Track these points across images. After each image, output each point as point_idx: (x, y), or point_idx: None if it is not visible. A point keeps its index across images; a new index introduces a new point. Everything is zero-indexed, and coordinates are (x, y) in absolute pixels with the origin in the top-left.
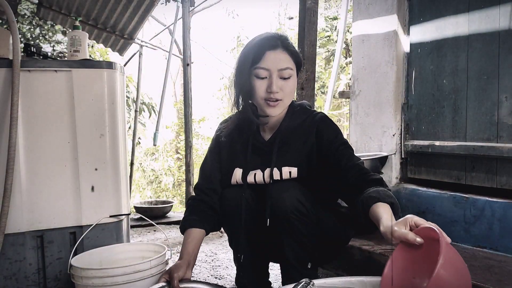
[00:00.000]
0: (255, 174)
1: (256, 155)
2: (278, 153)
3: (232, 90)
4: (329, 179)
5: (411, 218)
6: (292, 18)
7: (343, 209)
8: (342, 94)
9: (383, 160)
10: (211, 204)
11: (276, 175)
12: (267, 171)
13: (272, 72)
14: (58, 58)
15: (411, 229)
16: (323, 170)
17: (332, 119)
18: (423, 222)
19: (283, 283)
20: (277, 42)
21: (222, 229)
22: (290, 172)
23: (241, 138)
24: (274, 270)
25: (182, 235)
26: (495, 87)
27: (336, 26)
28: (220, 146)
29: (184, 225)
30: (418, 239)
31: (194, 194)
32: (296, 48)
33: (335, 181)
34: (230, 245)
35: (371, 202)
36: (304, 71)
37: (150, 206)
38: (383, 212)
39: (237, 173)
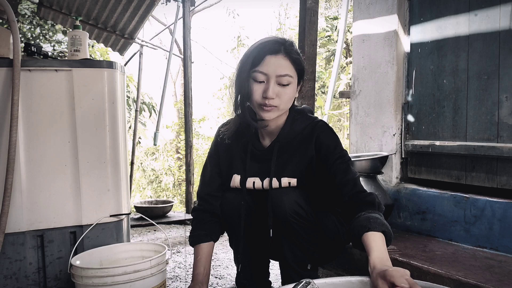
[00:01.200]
0: (254, 182)
1: (254, 162)
2: (277, 163)
3: (232, 90)
4: (327, 189)
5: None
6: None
7: None
8: (343, 94)
9: (383, 160)
10: (213, 211)
11: (275, 184)
12: (266, 180)
13: (270, 77)
14: (58, 58)
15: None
16: (321, 179)
17: (332, 119)
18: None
19: (283, 284)
20: (280, 47)
21: None
22: (289, 183)
23: (240, 143)
24: (274, 270)
25: (183, 235)
26: (496, 87)
27: (336, 26)
28: (219, 150)
29: (192, 241)
30: None
31: (196, 202)
32: (300, 54)
33: (331, 194)
34: (230, 245)
35: (362, 231)
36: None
37: (150, 205)
38: (372, 249)
39: (236, 179)
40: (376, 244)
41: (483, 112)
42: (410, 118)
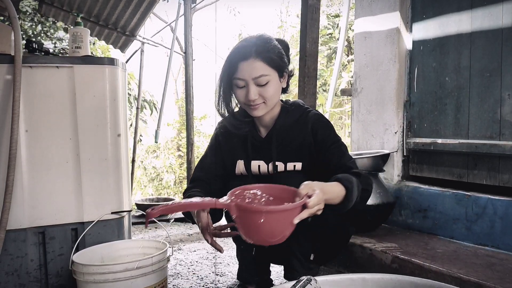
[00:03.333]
0: (259, 165)
1: (256, 151)
2: (277, 149)
3: (217, 94)
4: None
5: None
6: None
7: None
8: (344, 92)
9: (385, 158)
10: (210, 192)
11: (281, 168)
12: (271, 164)
13: (248, 81)
14: (59, 55)
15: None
16: (320, 168)
17: (334, 116)
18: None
19: (285, 275)
20: (250, 50)
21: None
22: (294, 166)
23: (239, 135)
24: (275, 268)
25: (184, 233)
26: (498, 85)
27: (338, 24)
28: (221, 141)
29: (189, 195)
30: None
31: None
32: (274, 49)
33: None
34: (233, 239)
35: (331, 181)
36: (306, 68)
37: (152, 203)
38: (329, 185)
39: (240, 164)
40: (332, 186)
41: (485, 110)
42: (412, 115)
